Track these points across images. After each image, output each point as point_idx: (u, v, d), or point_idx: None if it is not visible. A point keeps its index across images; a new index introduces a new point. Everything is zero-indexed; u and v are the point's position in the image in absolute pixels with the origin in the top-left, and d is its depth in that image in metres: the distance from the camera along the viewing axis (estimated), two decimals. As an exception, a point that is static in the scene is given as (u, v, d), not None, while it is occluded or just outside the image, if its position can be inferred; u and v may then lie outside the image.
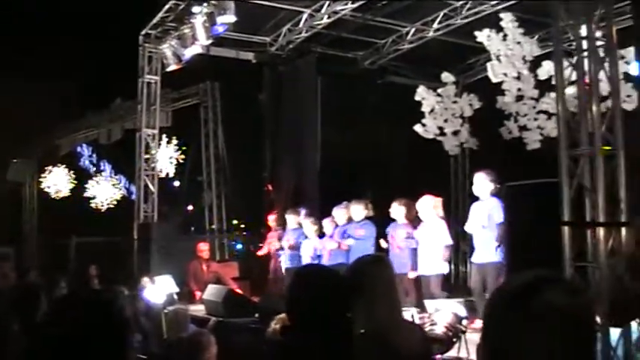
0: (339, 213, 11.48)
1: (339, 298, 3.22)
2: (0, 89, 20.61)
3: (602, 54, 6.64)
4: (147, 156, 14.38)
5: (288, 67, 15.12)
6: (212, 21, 12.22)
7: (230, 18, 11.97)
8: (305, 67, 14.89)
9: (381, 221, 11.04)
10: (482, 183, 9.22)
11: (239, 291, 12.70)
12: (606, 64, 6.56)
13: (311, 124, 14.88)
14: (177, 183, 22.69)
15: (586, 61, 6.64)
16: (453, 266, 14.29)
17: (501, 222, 8.62)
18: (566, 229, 6.37)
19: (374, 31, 14.59)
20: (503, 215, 8.35)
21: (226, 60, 15.16)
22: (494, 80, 12.66)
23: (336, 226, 11.49)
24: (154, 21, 13.71)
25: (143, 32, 14.05)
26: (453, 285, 13.91)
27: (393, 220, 10.75)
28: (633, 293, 1.48)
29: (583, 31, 6.57)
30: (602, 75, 6.76)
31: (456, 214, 15.09)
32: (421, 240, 9.95)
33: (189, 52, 13.21)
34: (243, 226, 20.01)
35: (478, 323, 9.45)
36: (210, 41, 12.84)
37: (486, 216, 9.04)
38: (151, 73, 14.27)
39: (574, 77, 6.75)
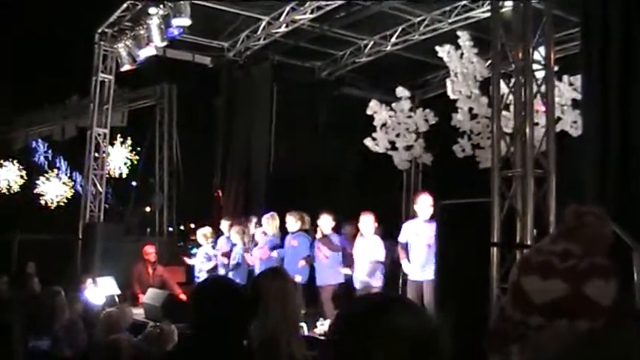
0: (265, 222, 11.55)
1: (237, 310, 3.25)
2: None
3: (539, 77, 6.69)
4: (96, 155, 14.19)
5: (244, 73, 15.07)
6: (167, 23, 12.14)
7: (185, 21, 11.90)
8: (261, 75, 14.87)
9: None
10: (425, 203, 9.30)
11: (182, 296, 12.58)
12: (543, 88, 6.61)
13: (263, 132, 14.85)
14: (134, 183, 22.47)
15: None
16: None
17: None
18: (495, 250, 6.40)
19: (332, 43, 14.61)
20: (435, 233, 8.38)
21: (184, 63, 15.10)
22: (452, 97, 12.70)
23: (265, 235, 11.52)
24: (111, 19, 13.58)
25: (99, 30, 13.90)
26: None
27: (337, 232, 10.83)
28: (512, 321, 1.49)
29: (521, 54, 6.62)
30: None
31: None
32: (357, 255, 9.94)
33: (143, 53, 13.10)
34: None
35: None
36: (164, 43, 12.75)
37: (431, 236, 9.08)
38: (105, 72, 14.12)
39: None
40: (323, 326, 8.08)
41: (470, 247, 6.57)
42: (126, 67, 13.64)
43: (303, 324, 7.78)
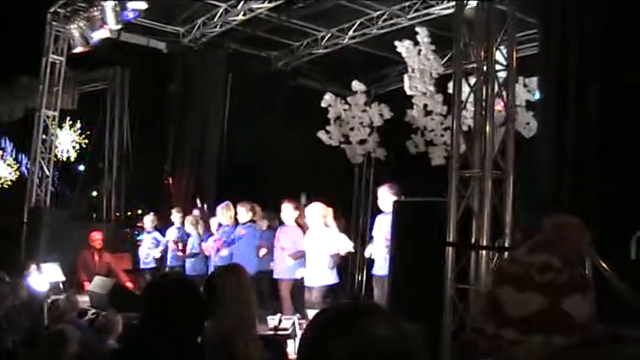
0: (219, 212, 11.48)
1: (189, 308, 3.17)
2: None
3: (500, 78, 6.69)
4: (44, 137, 13.89)
5: (200, 60, 14.88)
6: (123, 6, 11.91)
7: (141, 4, 11.72)
8: (216, 62, 14.73)
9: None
10: (386, 196, 9.19)
11: (129, 284, 12.41)
12: (503, 89, 6.61)
13: (217, 120, 14.73)
14: (82, 167, 22.08)
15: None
16: (351, 277, 14.33)
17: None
18: (450, 250, 6.40)
19: (289, 33, 14.50)
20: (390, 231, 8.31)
21: (139, 47, 14.84)
22: (408, 93, 12.72)
23: (220, 225, 11.45)
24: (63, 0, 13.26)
25: (52, 10, 13.55)
26: (346, 296, 13.91)
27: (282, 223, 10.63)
28: (484, 333, 1.44)
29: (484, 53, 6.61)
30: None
31: (357, 223, 15.13)
32: (308, 249, 9.77)
33: (97, 36, 12.83)
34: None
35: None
36: (119, 26, 12.52)
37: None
38: (56, 53, 13.79)
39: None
40: (273, 321, 7.96)
41: (424, 246, 6.55)
42: (78, 50, 13.34)
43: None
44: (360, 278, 14.49)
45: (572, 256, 1.56)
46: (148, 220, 13.24)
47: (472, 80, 6.86)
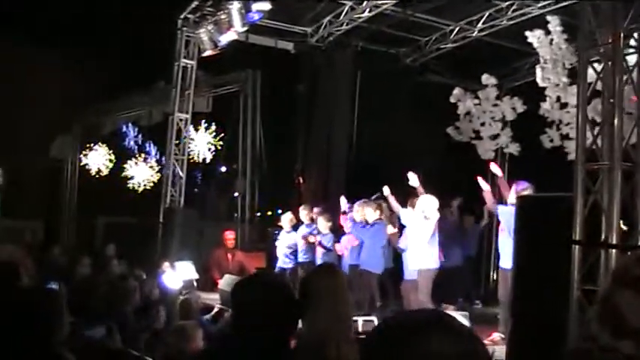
0: (355, 210, 11.49)
1: (281, 309, 3.05)
2: (46, 67, 20.91)
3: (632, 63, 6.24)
4: (177, 141, 14.32)
5: (327, 59, 14.88)
6: (247, 8, 12.08)
7: (265, 5, 11.87)
8: (343, 61, 14.71)
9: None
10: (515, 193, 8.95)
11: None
12: (634, 75, 6.16)
13: (345, 119, 14.68)
14: (223, 168, 22.61)
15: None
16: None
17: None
18: (576, 248, 6.01)
19: (416, 28, 14.30)
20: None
21: (267, 49, 15.04)
22: (541, 84, 12.24)
23: (355, 222, 11.36)
24: (193, 5, 13.62)
25: (182, 16, 13.96)
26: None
27: None
28: (597, 342, 1.26)
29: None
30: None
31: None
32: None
33: (224, 38, 13.09)
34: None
35: (496, 336, 9.16)
36: (245, 28, 12.74)
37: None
38: (187, 58, 14.21)
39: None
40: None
41: (549, 243, 6.19)
42: (208, 53, 13.69)
43: None
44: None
45: None
46: (286, 220, 13.15)
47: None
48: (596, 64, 6.54)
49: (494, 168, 10.47)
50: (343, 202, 12.22)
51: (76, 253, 12.88)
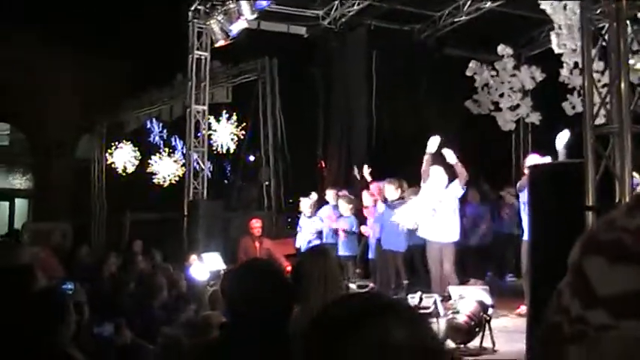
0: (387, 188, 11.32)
1: (274, 294, 3.03)
2: (68, 68, 21.12)
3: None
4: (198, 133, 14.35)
5: (341, 40, 14.80)
6: (255, -5, 12.06)
7: (273, -9, 11.78)
8: (357, 41, 14.60)
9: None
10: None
11: (289, 268, 12.52)
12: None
13: (363, 99, 14.57)
14: (252, 158, 22.63)
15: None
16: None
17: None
18: (589, 215, 5.90)
19: (429, 3, 14.16)
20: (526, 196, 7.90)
21: (281, 35, 14.98)
22: (556, 51, 12.05)
23: (385, 200, 11.25)
24: (202, -4, 13.61)
25: (192, 8, 13.94)
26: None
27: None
28: (568, 314, 1.19)
29: None
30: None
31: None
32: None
33: (235, 28, 13.08)
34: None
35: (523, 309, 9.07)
36: (254, 15, 12.69)
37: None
38: (200, 49, 14.19)
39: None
40: (414, 300, 7.75)
41: (563, 212, 6.07)
42: (220, 43, 13.67)
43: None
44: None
45: None
46: (306, 205, 13.13)
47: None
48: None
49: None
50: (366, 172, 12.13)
51: (104, 251, 13.00)
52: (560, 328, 1.19)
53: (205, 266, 11.31)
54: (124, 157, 22.20)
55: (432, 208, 9.78)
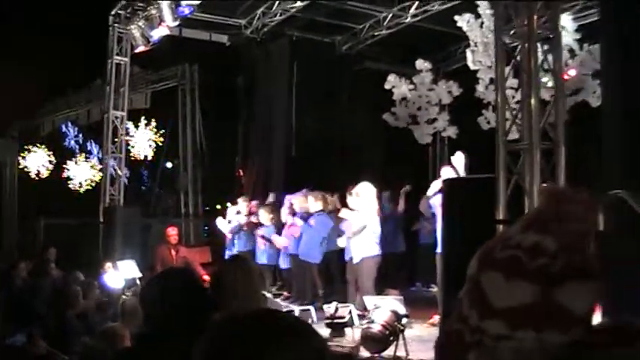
0: (297, 201, 11.40)
1: (192, 303, 3.04)
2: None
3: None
4: (116, 139, 14.14)
5: (263, 50, 14.82)
6: (177, 2, 11.95)
7: (195, -1, 11.72)
8: (279, 51, 14.64)
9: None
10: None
11: (206, 277, 12.47)
12: (550, 57, 6.27)
13: (283, 110, 14.63)
14: (169, 164, 22.41)
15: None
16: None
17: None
18: (500, 228, 6.10)
19: (350, 16, 14.29)
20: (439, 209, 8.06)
21: (203, 43, 14.90)
22: (472, 67, 12.37)
23: (294, 214, 11.34)
24: (123, 1, 13.41)
25: (113, 12, 13.75)
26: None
27: None
28: (468, 323, 1.27)
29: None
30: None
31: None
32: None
33: (156, 34, 12.95)
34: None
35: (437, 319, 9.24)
36: (176, 22, 12.58)
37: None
38: (120, 55, 13.98)
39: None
40: (330, 309, 7.84)
41: (475, 225, 6.25)
42: (140, 49, 13.52)
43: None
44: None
45: (572, 238, 1.26)
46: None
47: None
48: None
49: None
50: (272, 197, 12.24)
51: (15, 258, 12.68)
52: (462, 336, 1.28)
53: (120, 274, 11.16)
54: (37, 160, 21.70)
55: (363, 226, 9.79)
